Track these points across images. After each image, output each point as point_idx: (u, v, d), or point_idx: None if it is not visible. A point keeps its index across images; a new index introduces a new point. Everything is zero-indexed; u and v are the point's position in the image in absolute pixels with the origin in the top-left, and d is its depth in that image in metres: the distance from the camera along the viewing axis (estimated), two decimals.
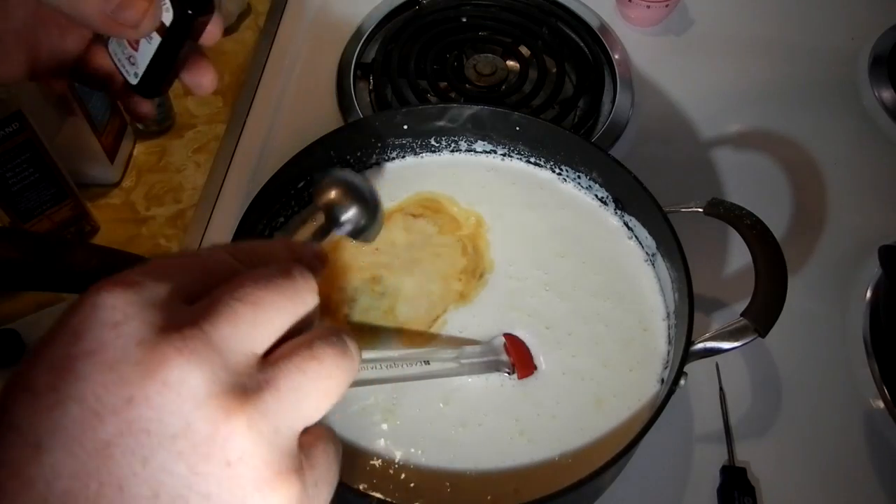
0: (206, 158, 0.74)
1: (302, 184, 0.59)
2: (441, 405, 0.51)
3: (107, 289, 0.23)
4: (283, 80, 0.81)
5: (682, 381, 0.47)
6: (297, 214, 0.60)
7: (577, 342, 0.54)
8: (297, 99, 0.79)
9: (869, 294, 0.66)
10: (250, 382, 0.23)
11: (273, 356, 0.24)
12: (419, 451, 0.49)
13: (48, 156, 0.59)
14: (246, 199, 0.54)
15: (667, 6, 0.84)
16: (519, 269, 0.58)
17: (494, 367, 0.50)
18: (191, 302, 0.24)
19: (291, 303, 0.25)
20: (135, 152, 0.74)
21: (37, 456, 0.21)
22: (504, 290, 0.56)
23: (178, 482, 0.21)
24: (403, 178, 0.63)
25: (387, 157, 0.63)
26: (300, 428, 0.24)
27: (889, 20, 0.87)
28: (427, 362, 0.44)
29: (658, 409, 0.45)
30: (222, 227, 0.69)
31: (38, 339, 0.23)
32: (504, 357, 0.51)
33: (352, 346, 0.26)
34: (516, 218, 0.61)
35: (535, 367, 0.52)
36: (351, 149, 0.61)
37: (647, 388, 0.52)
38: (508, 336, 0.52)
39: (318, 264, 0.30)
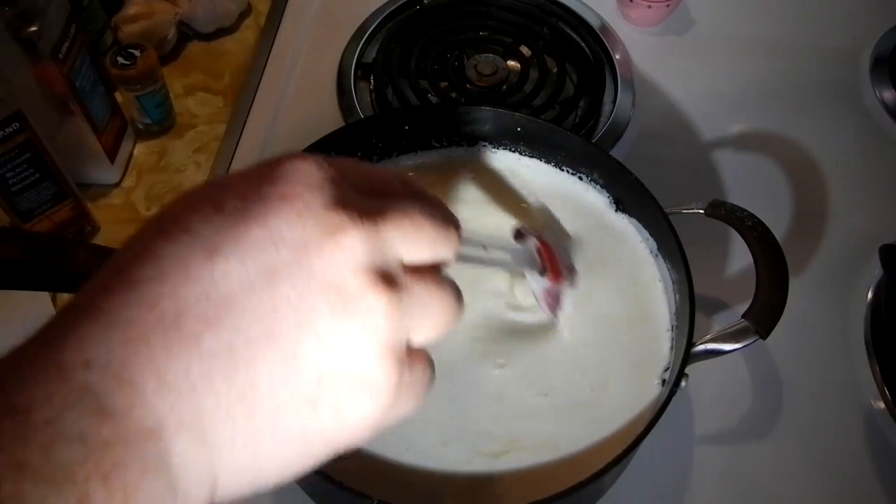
0: (206, 158, 0.74)
1: None
2: (444, 406, 0.51)
3: (308, 158, 0.26)
4: (283, 79, 0.81)
5: (683, 383, 0.47)
6: None
7: (576, 343, 0.54)
8: (298, 99, 0.79)
9: (870, 294, 0.66)
10: (397, 276, 0.26)
11: (412, 269, 0.27)
12: (418, 451, 0.49)
13: (48, 156, 0.59)
14: None
15: (668, 6, 0.84)
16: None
17: (531, 265, 0.51)
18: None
19: (442, 243, 0.28)
20: (135, 152, 0.74)
21: (210, 258, 0.23)
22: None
23: (320, 324, 0.24)
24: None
25: (387, 158, 0.63)
26: (412, 337, 0.27)
27: (891, 20, 0.87)
28: (485, 247, 0.44)
29: (659, 410, 0.45)
30: None
31: (221, 176, 0.25)
32: (537, 258, 0.51)
33: (462, 298, 0.29)
34: (515, 219, 0.61)
35: (562, 273, 0.52)
36: (352, 149, 0.61)
37: (648, 389, 0.52)
38: (540, 239, 0.52)
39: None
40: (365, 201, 0.27)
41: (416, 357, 0.27)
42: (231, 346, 0.23)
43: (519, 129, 0.61)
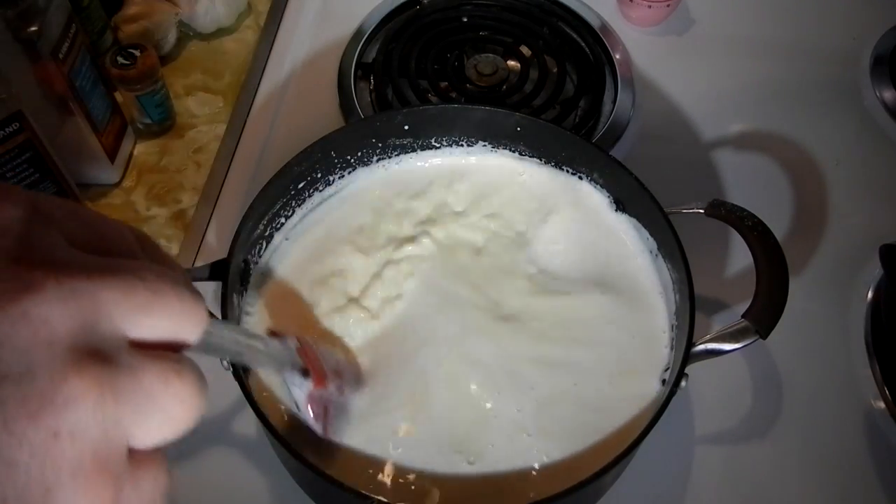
0: (206, 158, 0.74)
1: (303, 184, 0.59)
2: (447, 406, 0.51)
3: None
4: (283, 79, 0.81)
5: (683, 383, 0.47)
6: (297, 215, 0.60)
7: (577, 343, 0.54)
8: (298, 99, 0.79)
9: (870, 294, 0.66)
10: (115, 358, 0.20)
11: (142, 350, 0.21)
12: (421, 451, 0.49)
13: (48, 156, 0.59)
14: (246, 199, 0.54)
15: (668, 6, 0.84)
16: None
17: (292, 364, 0.44)
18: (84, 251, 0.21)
19: (182, 318, 0.22)
20: (135, 152, 0.74)
21: None
22: None
23: None
24: (404, 178, 0.63)
25: (387, 158, 0.63)
26: (135, 437, 0.20)
27: (891, 20, 0.87)
28: (238, 338, 0.35)
29: (659, 410, 0.45)
30: (223, 228, 0.69)
31: None
32: (298, 359, 0.45)
33: (206, 392, 0.22)
34: (515, 218, 0.61)
35: (326, 378, 0.46)
36: (352, 149, 0.61)
37: (648, 389, 0.52)
38: (301, 339, 0.46)
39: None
40: (80, 256, 0.20)
41: (142, 464, 0.21)
42: None
43: (519, 129, 0.61)
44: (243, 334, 0.36)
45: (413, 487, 0.48)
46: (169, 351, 0.22)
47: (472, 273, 0.57)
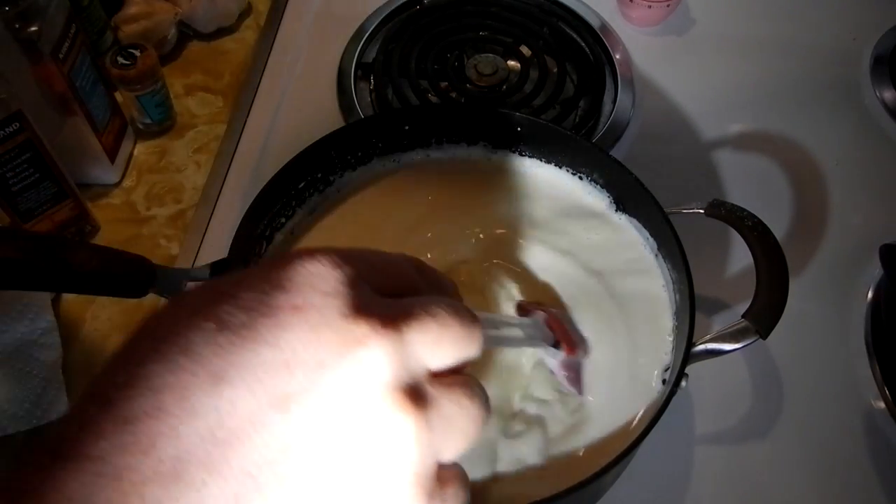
0: (206, 158, 0.74)
1: (303, 184, 0.59)
2: None
3: (320, 258, 0.23)
4: (283, 79, 0.81)
5: (683, 383, 0.47)
6: (297, 214, 0.60)
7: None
8: (298, 99, 0.79)
9: (870, 294, 0.66)
10: (423, 391, 0.23)
11: (438, 378, 0.24)
12: None
13: (48, 156, 0.59)
14: (247, 199, 0.54)
15: (668, 6, 0.84)
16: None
17: (545, 339, 0.48)
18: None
19: (467, 342, 0.25)
20: (135, 152, 0.74)
21: (214, 387, 0.20)
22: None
23: (338, 459, 0.21)
24: (404, 178, 0.63)
25: (387, 157, 0.63)
26: (442, 456, 0.24)
27: (891, 20, 0.87)
28: (497, 327, 0.40)
29: (659, 410, 0.45)
30: (223, 228, 0.69)
31: (221, 280, 0.23)
32: (549, 332, 0.49)
33: (489, 403, 0.26)
34: (516, 219, 0.61)
35: (577, 344, 0.50)
36: (352, 149, 0.61)
37: (648, 389, 0.52)
38: (547, 311, 0.50)
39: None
40: (385, 303, 0.24)
41: (447, 478, 0.24)
42: (238, 495, 0.20)
43: (519, 129, 0.61)
44: (503, 325, 0.40)
45: None
46: (458, 371, 0.25)
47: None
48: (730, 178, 0.74)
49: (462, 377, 0.25)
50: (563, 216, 0.61)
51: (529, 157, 0.63)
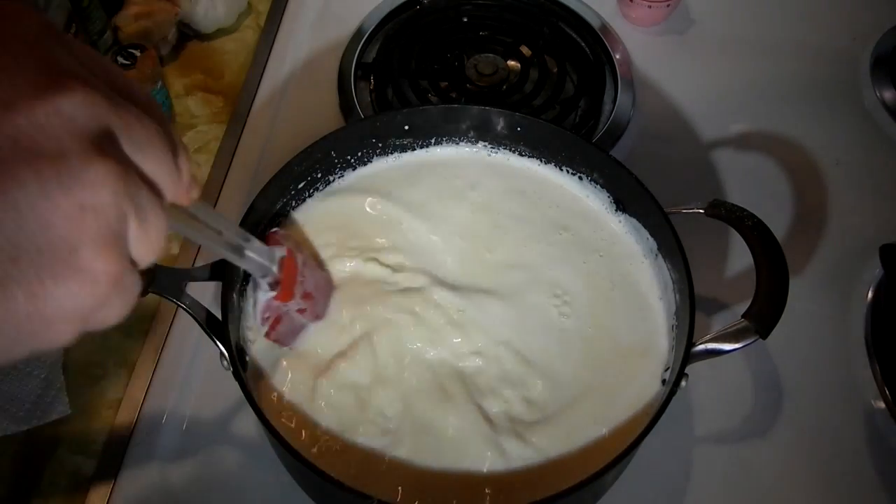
0: (206, 158, 0.74)
1: (303, 184, 0.59)
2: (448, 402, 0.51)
3: (20, 7, 0.23)
4: (283, 79, 0.81)
5: (683, 383, 0.47)
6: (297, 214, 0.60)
7: (577, 343, 0.54)
8: (298, 99, 0.79)
9: (870, 294, 0.66)
10: (126, 156, 0.23)
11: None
12: (419, 450, 0.49)
13: None
14: (247, 198, 0.54)
15: (668, 6, 0.84)
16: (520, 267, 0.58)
17: (262, 272, 0.46)
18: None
19: (167, 171, 0.26)
20: None
21: None
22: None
23: (21, 196, 0.21)
24: (404, 178, 0.63)
25: (387, 157, 0.63)
26: (130, 244, 0.24)
27: (891, 20, 0.87)
28: (220, 232, 0.39)
29: (659, 410, 0.45)
30: None
31: None
32: (275, 269, 0.46)
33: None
34: (516, 218, 0.61)
35: (293, 296, 0.48)
36: (352, 149, 0.61)
37: (648, 389, 0.52)
38: (290, 252, 0.48)
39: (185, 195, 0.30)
40: (98, 80, 0.24)
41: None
42: None
43: (519, 129, 0.61)
44: (228, 227, 0.40)
45: (410, 486, 0.48)
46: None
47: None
48: (730, 178, 0.74)
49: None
50: (563, 216, 0.61)
51: (529, 157, 0.63)
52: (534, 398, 0.52)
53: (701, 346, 0.48)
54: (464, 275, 0.57)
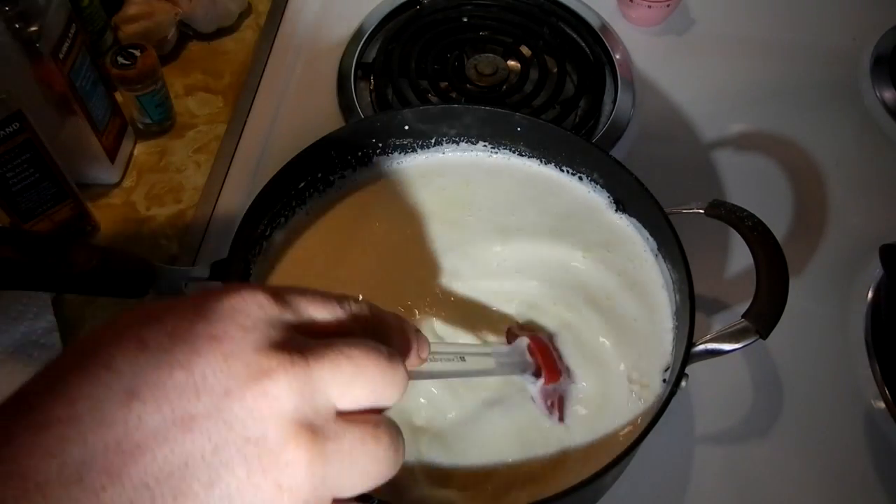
0: (206, 158, 0.74)
1: (303, 184, 0.59)
2: (446, 403, 0.51)
3: (248, 295, 0.25)
4: (283, 79, 0.81)
5: (683, 383, 0.47)
6: (297, 215, 0.60)
7: (577, 344, 0.54)
8: (298, 99, 0.79)
9: (870, 294, 0.66)
10: (324, 427, 0.25)
11: (344, 416, 0.26)
12: (421, 447, 0.49)
13: (48, 156, 0.59)
14: (247, 199, 0.54)
15: (668, 6, 0.84)
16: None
17: (522, 368, 0.48)
18: (306, 335, 0.26)
19: (383, 386, 0.27)
20: (135, 152, 0.74)
21: (127, 402, 0.22)
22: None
23: (233, 482, 0.23)
24: (404, 178, 0.63)
25: (387, 157, 0.63)
26: (339, 491, 0.25)
27: (891, 20, 0.87)
28: (463, 358, 0.40)
29: (659, 410, 0.45)
30: (223, 228, 0.69)
31: (154, 304, 0.25)
32: (529, 359, 0.49)
33: (402, 448, 0.27)
34: (517, 219, 0.61)
35: (560, 372, 0.50)
36: (352, 149, 0.61)
37: (648, 389, 0.52)
38: (533, 338, 0.50)
39: (417, 360, 0.32)
40: (302, 341, 0.25)
41: None
42: (133, 502, 0.21)
43: (519, 129, 0.61)
44: (471, 355, 0.41)
45: (409, 485, 0.48)
46: (374, 413, 0.27)
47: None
48: (730, 178, 0.74)
49: (374, 417, 0.27)
50: (563, 216, 0.61)
51: (529, 157, 0.63)
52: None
53: (701, 346, 0.48)
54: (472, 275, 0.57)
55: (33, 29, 0.56)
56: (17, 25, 0.56)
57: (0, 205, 0.60)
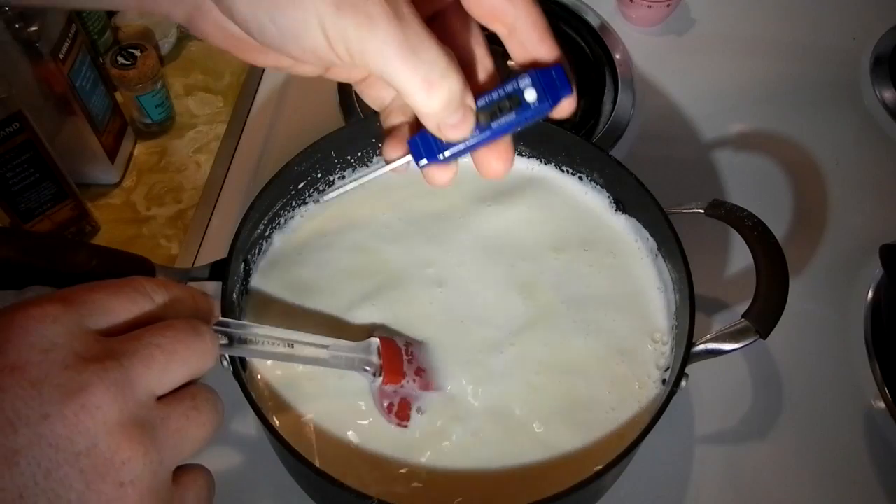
0: (206, 158, 0.74)
1: (303, 184, 0.59)
2: (444, 402, 0.51)
3: (35, 315, 0.25)
4: (283, 79, 0.81)
5: (683, 383, 0.47)
6: (297, 215, 0.60)
7: (577, 344, 0.54)
8: (298, 99, 0.79)
9: (870, 294, 0.66)
10: (150, 417, 0.26)
11: (165, 399, 0.27)
12: (415, 449, 0.49)
13: (48, 156, 0.59)
14: (247, 199, 0.54)
15: (668, 6, 0.84)
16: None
17: (361, 365, 0.48)
18: (110, 334, 0.27)
19: (195, 359, 0.28)
20: (135, 152, 0.74)
21: None
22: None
23: (74, 496, 0.24)
24: (403, 178, 0.63)
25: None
26: (176, 463, 0.27)
27: (891, 20, 0.87)
28: (291, 345, 0.42)
29: (659, 410, 0.45)
30: (223, 228, 0.69)
31: None
32: (374, 358, 0.48)
33: (221, 406, 0.30)
34: (517, 219, 0.61)
35: (403, 376, 0.49)
36: (352, 149, 0.61)
37: (648, 389, 0.52)
38: (384, 340, 0.50)
39: (212, 319, 0.34)
40: (108, 346, 0.26)
41: (188, 481, 0.28)
42: None
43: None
44: (305, 345, 0.42)
45: (413, 483, 0.48)
46: (190, 386, 0.28)
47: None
48: (730, 178, 0.74)
49: (191, 389, 0.28)
50: (562, 216, 0.61)
51: (529, 156, 0.63)
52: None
53: (701, 347, 0.48)
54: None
55: (33, 29, 0.56)
56: (17, 25, 0.56)
57: (0, 205, 0.60)
